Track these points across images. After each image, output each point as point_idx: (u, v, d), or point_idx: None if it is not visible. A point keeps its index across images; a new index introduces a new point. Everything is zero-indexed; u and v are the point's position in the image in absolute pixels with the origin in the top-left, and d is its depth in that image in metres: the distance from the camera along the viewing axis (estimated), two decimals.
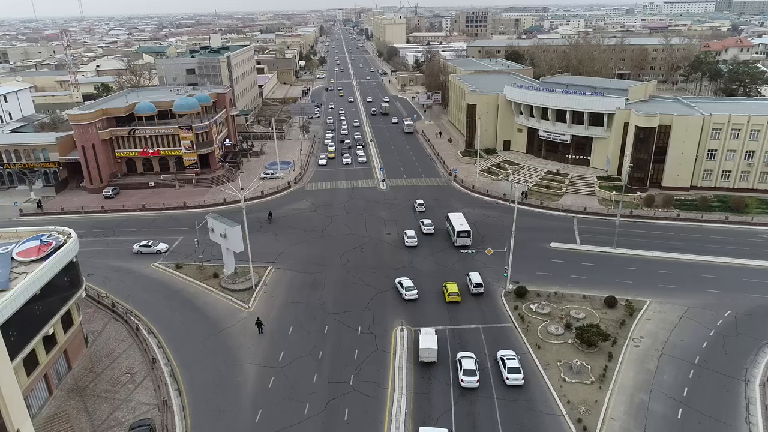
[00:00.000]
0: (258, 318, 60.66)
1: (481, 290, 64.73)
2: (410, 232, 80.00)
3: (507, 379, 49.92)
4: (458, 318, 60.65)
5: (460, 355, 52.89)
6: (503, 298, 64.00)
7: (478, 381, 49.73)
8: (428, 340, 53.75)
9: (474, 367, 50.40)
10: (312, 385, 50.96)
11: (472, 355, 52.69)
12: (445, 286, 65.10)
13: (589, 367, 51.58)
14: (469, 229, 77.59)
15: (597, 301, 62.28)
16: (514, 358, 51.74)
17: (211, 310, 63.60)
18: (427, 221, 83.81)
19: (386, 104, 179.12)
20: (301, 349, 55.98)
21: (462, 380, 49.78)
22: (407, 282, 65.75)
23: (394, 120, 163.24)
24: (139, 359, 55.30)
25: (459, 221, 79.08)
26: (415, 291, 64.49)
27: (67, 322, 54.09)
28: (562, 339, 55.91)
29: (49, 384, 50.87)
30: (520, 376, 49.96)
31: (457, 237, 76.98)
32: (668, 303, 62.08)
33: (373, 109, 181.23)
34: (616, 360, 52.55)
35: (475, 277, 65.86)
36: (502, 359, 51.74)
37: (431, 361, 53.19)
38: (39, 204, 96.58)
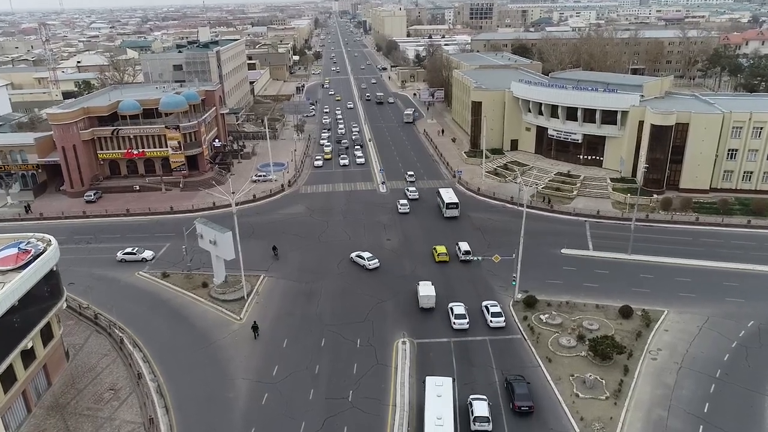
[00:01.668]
0: (254, 322, 61.24)
1: (470, 257, 74.13)
2: (403, 201, 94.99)
3: (490, 322, 60.53)
4: (463, 330, 60.70)
5: (451, 304, 63.10)
6: (511, 308, 64.08)
7: (468, 322, 60.19)
8: (426, 288, 64.98)
9: (464, 312, 61.16)
10: (308, 401, 50.94)
11: (462, 303, 63.01)
12: (435, 249, 76.78)
13: (604, 381, 51.62)
14: (457, 201, 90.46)
15: (611, 311, 62.33)
16: (497, 306, 62.41)
17: (200, 322, 63.58)
18: (411, 188, 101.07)
19: (381, 94, 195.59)
20: (297, 363, 55.96)
21: (454, 323, 60.25)
22: (366, 254, 75.30)
23: (390, 100, 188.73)
24: (123, 375, 55.22)
25: (448, 194, 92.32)
26: (377, 260, 74.25)
27: (46, 335, 54.06)
28: (575, 352, 55.95)
29: (27, 401, 50.82)
30: (502, 319, 60.68)
31: (446, 208, 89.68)
32: (687, 313, 62.14)
33: (367, 94, 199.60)
34: (632, 374, 52.58)
35: (464, 246, 75.84)
36: (486, 307, 62.52)
37: (430, 307, 63.71)
38: (27, 208, 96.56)
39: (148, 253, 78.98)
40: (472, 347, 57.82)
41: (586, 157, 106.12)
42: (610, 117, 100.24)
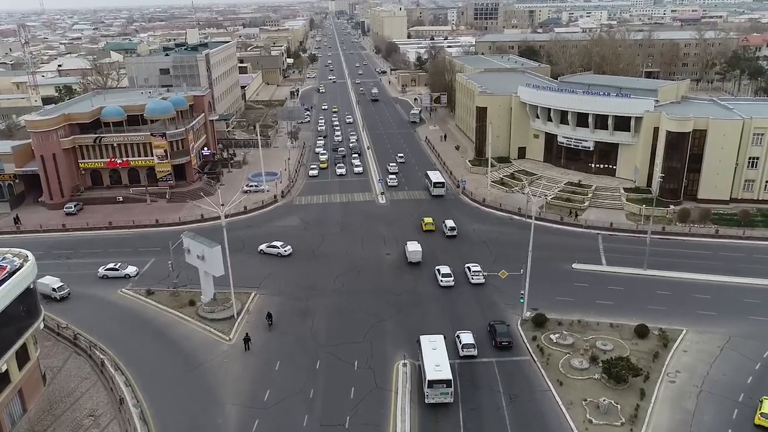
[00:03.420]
0: (246, 333, 61.74)
1: (455, 233, 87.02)
2: (392, 176, 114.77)
3: (472, 279, 73.50)
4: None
5: (437, 267, 75.59)
6: (519, 327, 63.92)
7: (453, 281, 72.68)
8: (414, 245, 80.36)
9: (449, 272, 73.95)
10: (302, 428, 50.66)
11: (447, 266, 75.40)
12: (423, 220, 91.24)
13: (619, 406, 51.32)
14: (443, 180, 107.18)
15: (626, 330, 62.17)
16: (477, 266, 74.61)
17: (186, 343, 63.39)
18: (392, 164, 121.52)
19: (376, 91, 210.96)
20: (290, 387, 55.72)
21: (441, 281, 72.57)
22: (278, 242, 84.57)
23: (376, 90, 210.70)
24: (104, 400, 54.94)
25: (435, 176, 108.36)
26: (290, 246, 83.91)
27: (22, 357, 53.78)
28: (588, 374, 55.74)
29: (1, 429, 50.42)
30: (481, 275, 73.30)
31: (434, 187, 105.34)
32: (707, 332, 61.98)
33: (361, 89, 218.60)
34: (649, 398, 52.36)
35: (450, 223, 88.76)
36: (469, 267, 74.95)
37: (417, 261, 78.69)
38: (16, 220, 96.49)
39: (131, 269, 78.84)
40: (478, 369, 57.60)
41: (598, 165, 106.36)
42: (623, 123, 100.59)
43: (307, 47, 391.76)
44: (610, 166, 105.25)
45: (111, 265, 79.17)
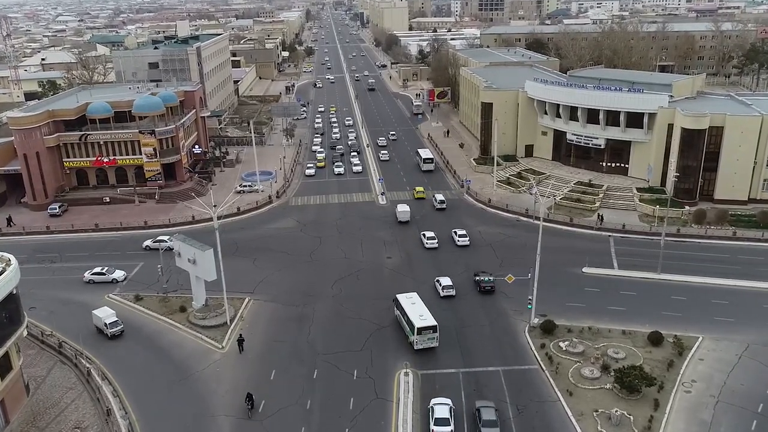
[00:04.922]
0: (240, 334, 62.49)
1: (444, 206, 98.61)
2: (384, 151, 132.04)
3: (458, 242, 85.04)
4: (474, 357, 60.76)
5: (423, 232, 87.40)
6: (527, 334, 63.99)
7: (437, 243, 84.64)
8: (403, 207, 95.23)
9: (434, 235, 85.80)
10: None
11: (432, 231, 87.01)
12: (415, 189, 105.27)
13: (632, 417, 51.37)
14: (432, 156, 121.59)
15: (639, 337, 62.24)
16: (463, 230, 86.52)
17: (177, 351, 63.50)
18: (381, 138, 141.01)
19: (372, 81, 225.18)
20: (286, 398, 55.78)
21: (426, 243, 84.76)
22: (163, 237, 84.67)
23: (366, 73, 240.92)
24: (90, 411, 54.97)
25: (425, 152, 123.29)
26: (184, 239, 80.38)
27: (4, 366, 53.80)
28: (599, 384, 55.79)
29: None
30: (467, 239, 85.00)
31: (424, 163, 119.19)
32: (724, 339, 61.99)
33: (357, 76, 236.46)
34: (663, 409, 52.35)
35: (439, 196, 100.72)
36: (455, 231, 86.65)
37: (406, 221, 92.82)
38: (9, 221, 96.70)
39: (119, 274, 78.97)
40: (483, 379, 57.72)
41: (609, 164, 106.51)
42: (635, 120, 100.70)
43: (304, 40, 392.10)
44: (622, 165, 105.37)
45: (97, 270, 79.24)
